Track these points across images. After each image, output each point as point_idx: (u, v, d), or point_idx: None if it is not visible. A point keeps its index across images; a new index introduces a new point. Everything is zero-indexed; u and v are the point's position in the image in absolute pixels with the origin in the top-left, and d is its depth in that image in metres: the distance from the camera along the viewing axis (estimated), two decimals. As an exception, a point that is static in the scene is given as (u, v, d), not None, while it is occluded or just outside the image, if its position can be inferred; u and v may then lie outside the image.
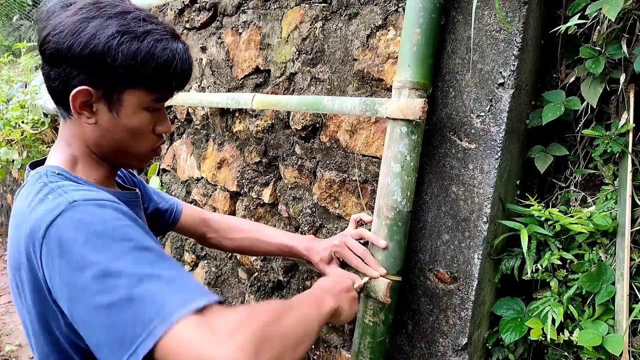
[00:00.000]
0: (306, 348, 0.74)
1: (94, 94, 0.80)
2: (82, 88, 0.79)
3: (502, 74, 1.01)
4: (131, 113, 0.83)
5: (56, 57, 0.78)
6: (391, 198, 1.09)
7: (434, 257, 1.15)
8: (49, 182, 0.78)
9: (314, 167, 1.52)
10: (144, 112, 0.85)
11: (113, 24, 0.78)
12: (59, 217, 0.69)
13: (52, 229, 0.68)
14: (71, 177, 0.83)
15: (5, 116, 3.66)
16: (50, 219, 0.69)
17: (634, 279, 1.00)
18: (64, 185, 0.76)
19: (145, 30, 0.80)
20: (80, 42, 0.76)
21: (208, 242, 1.36)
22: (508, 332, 1.09)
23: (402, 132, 1.07)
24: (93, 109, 0.82)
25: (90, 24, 0.77)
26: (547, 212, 1.05)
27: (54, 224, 0.68)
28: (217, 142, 1.98)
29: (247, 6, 1.76)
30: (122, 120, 0.84)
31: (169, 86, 0.85)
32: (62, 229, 0.68)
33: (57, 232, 0.68)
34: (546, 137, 1.14)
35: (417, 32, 1.05)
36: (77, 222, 0.68)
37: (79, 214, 0.69)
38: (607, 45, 1.00)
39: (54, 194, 0.73)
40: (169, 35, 0.83)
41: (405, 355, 1.22)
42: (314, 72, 1.48)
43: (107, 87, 0.80)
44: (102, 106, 0.82)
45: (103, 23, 0.78)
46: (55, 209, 0.70)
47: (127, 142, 0.87)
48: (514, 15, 0.99)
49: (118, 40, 0.77)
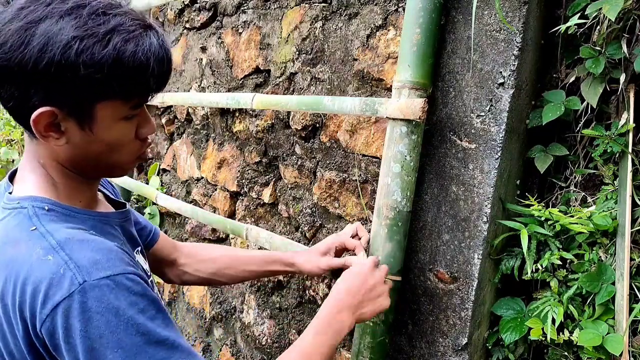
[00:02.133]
0: None
1: (58, 114, 0.67)
2: (44, 110, 0.66)
3: (502, 73, 1.01)
4: (107, 127, 0.71)
5: (4, 74, 0.65)
6: (391, 198, 1.09)
7: (434, 257, 1.15)
8: (41, 225, 0.68)
9: (314, 167, 1.52)
10: (122, 122, 0.73)
11: (67, 26, 0.63)
12: (68, 299, 0.61)
13: (59, 310, 0.62)
14: (62, 211, 0.73)
15: (5, 116, 3.66)
16: (58, 300, 0.61)
17: (634, 279, 1.00)
18: (64, 241, 0.66)
19: (109, 29, 0.65)
20: (30, 56, 0.62)
21: (179, 270, 1.19)
22: (508, 332, 1.09)
23: (402, 132, 1.07)
24: (61, 128, 0.69)
25: (38, 30, 0.63)
26: (547, 212, 1.05)
27: (62, 306, 0.61)
28: (217, 142, 1.98)
29: (247, 6, 1.76)
30: (98, 136, 0.71)
31: (147, 90, 0.72)
32: (72, 315, 0.61)
33: (65, 317, 0.62)
34: (546, 137, 1.14)
35: (417, 32, 1.05)
36: (88, 312, 0.61)
37: (91, 302, 0.62)
38: (607, 45, 1.00)
39: (54, 255, 0.64)
40: (138, 28, 0.68)
41: (405, 355, 1.22)
42: (314, 72, 1.48)
43: (74, 103, 0.67)
44: (71, 124, 0.69)
45: (53, 26, 0.63)
46: (61, 284, 0.62)
47: (107, 155, 0.75)
48: (514, 15, 0.99)
49: (77, 49, 0.63)
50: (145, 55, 0.67)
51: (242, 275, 1.19)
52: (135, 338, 0.63)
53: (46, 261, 0.64)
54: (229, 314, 1.98)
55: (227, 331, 2.01)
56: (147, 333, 0.64)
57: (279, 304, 1.71)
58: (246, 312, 1.87)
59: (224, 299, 2.01)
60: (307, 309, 1.60)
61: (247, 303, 1.87)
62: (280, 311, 1.70)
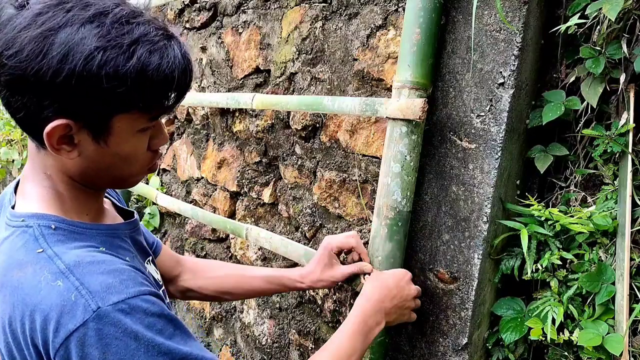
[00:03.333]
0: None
1: (73, 126, 0.64)
2: (59, 123, 0.63)
3: (502, 73, 1.01)
4: (122, 140, 0.68)
5: (17, 84, 0.61)
6: (391, 198, 1.09)
7: (434, 257, 1.15)
8: (49, 247, 0.65)
9: (314, 167, 1.52)
10: (137, 135, 0.70)
11: (89, 34, 0.60)
12: (82, 327, 0.59)
13: (73, 339, 0.59)
14: (70, 229, 0.70)
15: (5, 116, 3.66)
16: (72, 328, 0.59)
17: (634, 278, 1.00)
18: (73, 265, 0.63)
19: (133, 40, 0.62)
20: (49, 67, 0.59)
21: (182, 285, 1.15)
22: (508, 332, 1.09)
23: (402, 132, 1.07)
24: (74, 141, 0.66)
25: (57, 39, 0.59)
26: (547, 212, 1.05)
27: (76, 335, 0.59)
28: (217, 142, 1.98)
29: (247, 6, 1.76)
30: (112, 149, 0.69)
31: (168, 102, 0.70)
32: (87, 344, 0.59)
33: (80, 346, 0.59)
34: (546, 137, 1.14)
35: (417, 32, 1.05)
36: (106, 339, 0.59)
37: (107, 328, 0.59)
38: (607, 45, 1.00)
39: (64, 280, 0.61)
40: (162, 39, 0.65)
41: (405, 355, 1.22)
42: (314, 72, 1.48)
43: (90, 116, 0.64)
44: (85, 136, 0.66)
45: (75, 35, 0.59)
46: (73, 311, 0.59)
47: (118, 168, 0.72)
48: (514, 15, 0.99)
49: (100, 60, 0.60)
50: (170, 68, 0.65)
51: (247, 294, 1.18)
52: (158, 359, 0.62)
53: (55, 287, 0.61)
54: (229, 314, 1.98)
55: (227, 331, 2.01)
56: (169, 352, 0.63)
57: (279, 304, 1.71)
58: (246, 312, 1.87)
59: None
60: (307, 309, 1.60)
61: (247, 303, 1.87)
62: (280, 311, 1.70)
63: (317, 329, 1.54)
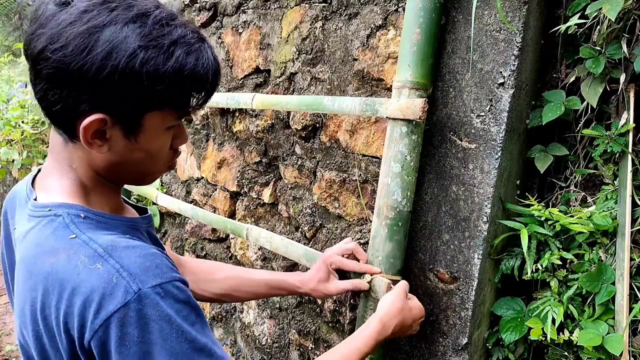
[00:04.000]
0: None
1: (108, 121, 0.67)
2: (96, 117, 0.65)
3: (502, 73, 1.01)
4: (152, 137, 0.71)
5: (59, 77, 0.63)
6: (391, 198, 1.09)
7: (434, 257, 1.15)
8: (81, 233, 0.67)
9: (314, 167, 1.52)
10: (165, 133, 0.73)
11: (132, 34, 0.63)
12: (124, 307, 0.61)
13: (114, 319, 0.61)
14: (96, 218, 0.72)
15: (5, 116, 3.66)
16: (113, 309, 0.61)
17: (634, 278, 1.00)
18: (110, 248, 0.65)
19: (173, 40, 0.65)
20: (93, 63, 0.61)
21: None
22: (508, 332, 1.09)
23: (402, 132, 1.07)
24: (106, 136, 0.69)
25: (102, 36, 0.62)
26: (547, 212, 1.05)
27: (117, 315, 0.61)
28: (217, 142, 1.98)
29: (247, 6, 1.76)
30: (141, 145, 0.71)
31: (198, 102, 0.73)
32: (128, 323, 0.61)
33: (120, 325, 0.61)
34: (546, 137, 1.14)
35: (417, 32, 1.05)
36: (144, 319, 0.62)
37: (146, 309, 0.62)
38: (607, 45, 1.00)
39: (103, 262, 0.63)
40: (197, 42, 0.69)
41: (405, 355, 1.22)
42: (314, 72, 1.48)
43: (126, 112, 0.67)
44: (117, 132, 0.69)
45: (119, 33, 0.62)
46: (115, 293, 0.61)
47: (143, 164, 0.75)
48: (514, 15, 0.99)
49: (142, 58, 0.63)
50: (204, 69, 0.69)
51: (247, 297, 1.22)
52: (184, 345, 0.64)
53: (95, 270, 0.63)
54: (229, 314, 1.98)
55: (227, 331, 2.01)
56: (192, 340, 0.65)
57: (279, 304, 1.71)
58: (246, 312, 1.87)
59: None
60: (307, 309, 1.60)
61: (247, 303, 1.87)
62: (280, 311, 1.70)
63: (317, 329, 1.54)
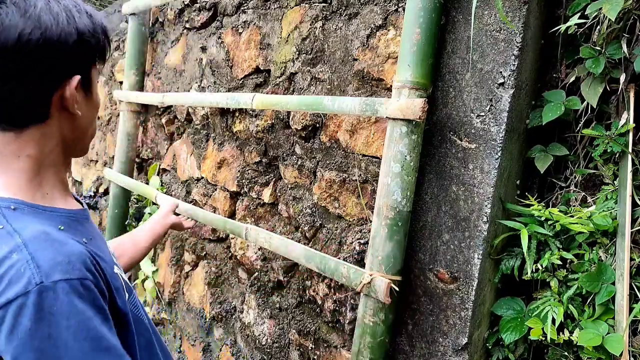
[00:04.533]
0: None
1: (80, 82, 0.77)
2: (77, 78, 0.75)
3: (502, 73, 1.01)
4: (96, 88, 0.82)
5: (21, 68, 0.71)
6: (391, 198, 1.09)
7: (434, 257, 1.15)
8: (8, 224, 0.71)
9: (314, 167, 1.52)
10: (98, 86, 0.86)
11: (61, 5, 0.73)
12: (23, 297, 0.63)
13: (12, 306, 0.63)
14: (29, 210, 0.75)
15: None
16: (12, 297, 0.64)
17: (634, 278, 1.00)
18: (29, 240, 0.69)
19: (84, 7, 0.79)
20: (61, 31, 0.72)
21: None
22: (508, 332, 1.09)
23: (402, 132, 1.07)
24: (77, 98, 0.77)
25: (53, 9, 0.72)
26: (547, 212, 1.05)
27: (15, 303, 0.63)
28: (217, 142, 1.98)
29: (247, 6, 1.76)
30: (94, 99, 0.82)
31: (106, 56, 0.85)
32: (23, 314, 0.63)
33: (15, 314, 0.63)
34: (546, 136, 1.14)
35: (417, 32, 1.05)
36: (40, 313, 0.64)
37: (45, 302, 0.64)
38: (607, 45, 1.00)
39: (18, 253, 0.67)
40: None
41: (405, 355, 1.22)
42: (314, 72, 1.48)
43: (85, 70, 0.77)
44: (80, 92, 0.78)
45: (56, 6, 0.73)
46: (19, 281, 0.64)
47: (93, 120, 0.84)
48: (514, 15, 0.99)
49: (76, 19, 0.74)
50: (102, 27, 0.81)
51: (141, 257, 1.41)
52: (84, 343, 0.65)
53: (10, 258, 0.66)
54: (229, 314, 1.98)
55: (227, 331, 2.01)
56: (95, 339, 0.66)
57: (279, 304, 1.71)
58: (246, 312, 1.87)
59: (224, 299, 2.01)
60: (307, 309, 1.60)
61: (247, 303, 1.87)
62: (280, 311, 1.70)
63: (317, 329, 1.54)
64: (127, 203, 2.39)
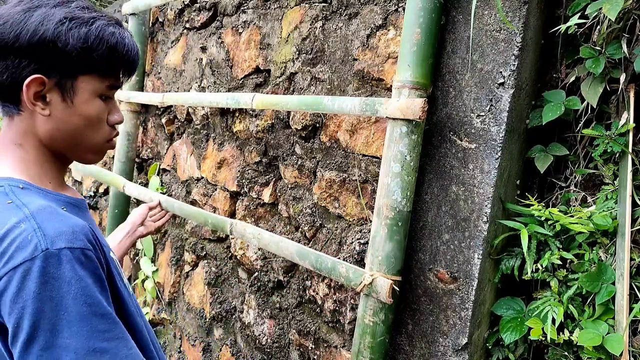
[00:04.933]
0: None
1: (47, 83, 0.79)
2: (36, 76, 0.77)
3: (502, 73, 1.01)
4: (85, 100, 0.83)
5: (2, 49, 0.77)
6: (391, 198, 1.09)
7: (434, 257, 1.15)
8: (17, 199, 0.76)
9: (314, 167, 1.52)
10: (98, 100, 0.85)
11: (58, 12, 0.78)
12: (29, 262, 0.68)
13: (19, 270, 0.68)
14: (37, 190, 0.81)
15: (5, 116, 3.64)
16: (19, 261, 0.68)
17: (634, 278, 1.00)
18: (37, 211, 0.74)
19: (92, 17, 0.80)
20: (27, 30, 0.76)
21: None
22: (508, 332, 1.09)
23: (402, 132, 1.07)
24: (47, 99, 0.80)
25: (35, 13, 0.77)
26: (547, 212, 1.05)
27: (22, 267, 0.68)
28: (217, 142, 1.98)
29: (247, 6, 1.76)
30: (77, 109, 0.83)
31: (119, 71, 0.86)
32: (29, 277, 0.68)
33: (22, 278, 0.67)
34: (546, 136, 1.14)
35: (417, 32, 1.05)
36: (44, 276, 0.68)
37: (49, 268, 0.68)
38: (607, 45, 1.00)
39: (26, 222, 0.71)
40: (114, 24, 0.83)
41: (405, 355, 1.22)
42: (314, 72, 1.48)
43: (60, 74, 0.80)
44: (55, 96, 0.81)
45: (48, 12, 0.77)
46: (26, 248, 0.69)
47: (82, 131, 0.85)
48: (514, 15, 0.99)
49: (67, 26, 0.77)
50: (121, 38, 0.83)
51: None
52: (83, 307, 0.69)
53: (18, 227, 0.71)
54: (229, 314, 1.98)
55: (227, 331, 2.01)
56: (93, 305, 0.71)
57: (279, 304, 1.71)
58: (246, 312, 1.87)
59: (224, 299, 2.01)
60: (307, 309, 1.60)
61: (247, 303, 1.87)
62: (280, 311, 1.70)
63: (317, 329, 1.54)
64: (127, 203, 2.39)
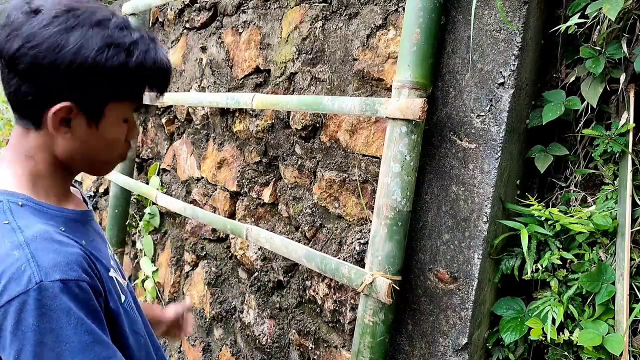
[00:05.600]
0: None
1: (74, 109, 0.76)
2: (64, 105, 0.75)
3: (502, 73, 1.01)
4: (110, 124, 0.81)
5: (33, 72, 0.73)
6: (391, 198, 1.09)
7: (434, 257, 1.15)
8: (14, 220, 0.74)
9: (314, 167, 1.52)
10: (122, 124, 0.83)
11: (97, 35, 0.74)
12: (24, 294, 0.67)
13: (14, 303, 0.67)
14: (35, 207, 0.78)
15: (5, 116, 3.66)
16: (14, 294, 0.67)
17: (634, 278, 1.00)
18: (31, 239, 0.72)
19: (132, 41, 0.77)
20: (64, 57, 0.72)
21: None
22: (508, 332, 1.09)
23: (402, 132, 1.07)
24: (70, 124, 0.78)
25: (71, 36, 0.73)
26: (547, 212, 1.05)
27: (17, 300, 0.67)
28: (217, 142, 1.98)
29: (247, 6, 1.76)
30: (101, 133, 0.80)
31: (151, 94, 0.85)
32: (25, 310, 0.67)
33: (18, 311, 0.67)
34: (546, 136, 1.14)
35: (417, 32, 1.05)
36: (42, 309, 0.67)
37: (45, 300, 0.68)
38: (607, 45, 1.00)
39: (20, 251, 0.70)
40: (152, 43, 0.80)
41: (405, 355, 1.22)
42: (314, 72, 1.48)
43: (91, 101, 0.77)
44: (80, 120, 0.78)
45: (85, 34, 0.73)
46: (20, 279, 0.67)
47: (100, 152, 0.83)
48: (514, 15, 0.99)
49: (107, 54, 0.74)
50: (161, 65, 0.81)
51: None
52: (84, 336, 0.70)
53: (11, 255, 0.69)
54: (229, 314, 1.98)
55: (227, 331, 2.01)
56: (93, 333, 0.71)
57: (279, 304, 1.71)
58: (246, 312, 1.87)
59: (224, 299, 2.01)
60: (307, 309, 1.60)
61: (247, 303, 1.87)
62: (280, 311, 1.70)
63: (317, 329, 1.54)
64: (127, 203, 2.39)
